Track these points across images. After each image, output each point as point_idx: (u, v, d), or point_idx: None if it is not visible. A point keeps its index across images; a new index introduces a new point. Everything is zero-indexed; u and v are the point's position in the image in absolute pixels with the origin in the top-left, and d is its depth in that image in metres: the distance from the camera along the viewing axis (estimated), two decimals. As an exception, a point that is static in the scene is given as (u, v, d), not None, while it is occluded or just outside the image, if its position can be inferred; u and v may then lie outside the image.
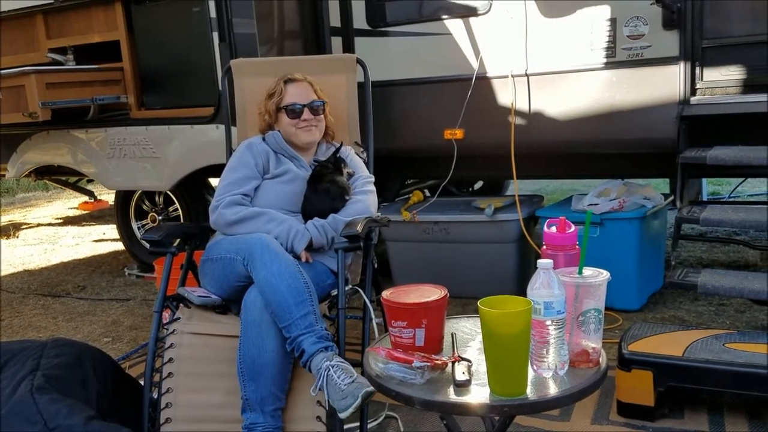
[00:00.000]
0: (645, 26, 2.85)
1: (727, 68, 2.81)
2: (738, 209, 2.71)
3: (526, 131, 3.23)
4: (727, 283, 2.46)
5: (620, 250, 3.15)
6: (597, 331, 1.40)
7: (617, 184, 3.30)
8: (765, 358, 2.09)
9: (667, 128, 2.86)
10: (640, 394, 2.21)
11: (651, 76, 2.89)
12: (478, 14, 3.20)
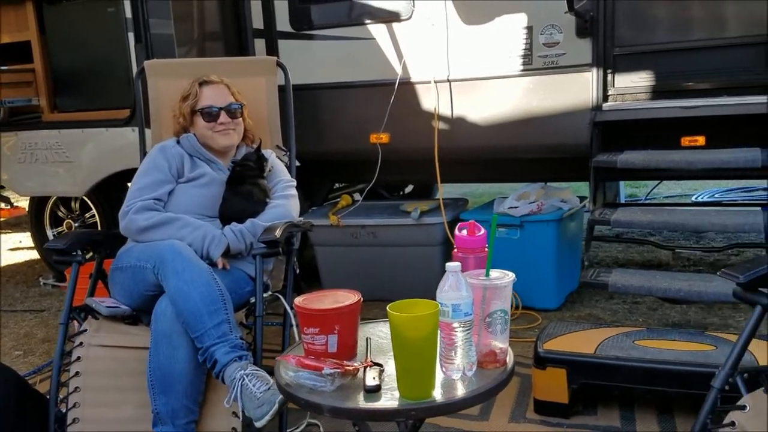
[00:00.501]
0: (560, 34, 2.95)
1: (637, 75, 2.94)
2: (647, 211, 2.84)
3: (449, 136, 3.28)
4: (636, 282, 2.57)
5: (539, 252, 3.25)
6: (504, 331, 1.42)
7: (536, 188, 3.40)
8: (672, 355, 2.18)
9: (581, 133, 2.96)
10: (555, 391, 2.27)
11: (566, 83, 2.99)
12: (401, 20, 3.23)
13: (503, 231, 3.32)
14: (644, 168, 2.76)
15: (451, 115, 3.26)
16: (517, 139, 3.17)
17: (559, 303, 3.38)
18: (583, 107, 2.97)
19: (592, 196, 2.95)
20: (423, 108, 3.28)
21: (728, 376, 1.44)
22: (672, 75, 2.88)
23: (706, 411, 1.43)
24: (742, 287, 1.45)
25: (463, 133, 3.26)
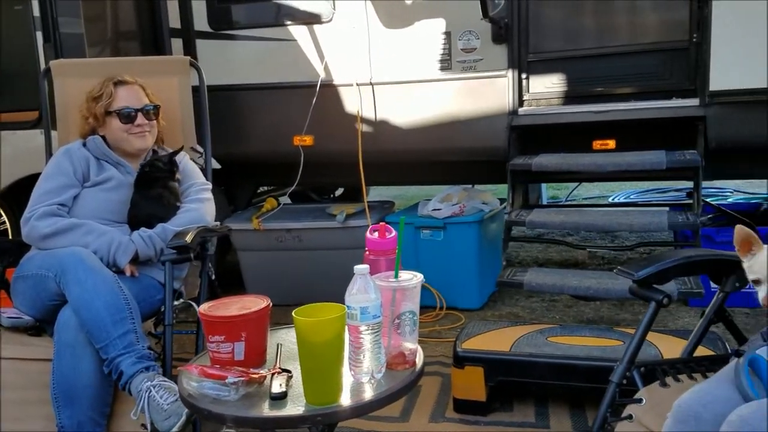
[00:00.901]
0: (477, 40, 3.01)
1: (551, 80, 3.04)
2: (559, 212, 2.93)
3: (373, 139, 3.29)
4: (549, 281, 2.65)
5: (462, 253, 3.31)
6: (412, 332, 1.43)
7: (458, 190, 3.46)
8: (582, 350, 2.26)
9: (499, 137, 3.04)
10: (473, 389, 2.31)
11: (483, 88, 3.06)
12: (322, 22, 3.22)
13: (427, 233, 3.36)
14: (557, 171, 2.86)
15: (374, 118, 3.28)
16: (439, 142, 3.22)
17: (482, 302, 3.45)
18: (500, 111, 3.05)
19: (510, 198, 3.02)
20: (346, 110, 3.28)
21: (625, 371, 1.50)
22: (583, 80, 3.00)
23: (606, 405, 1.48)
24: (638, 284, 1.51)
25: (386, 136, 3.28)
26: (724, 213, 3.30)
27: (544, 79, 3.03)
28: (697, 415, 1.21)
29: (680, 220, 2.63)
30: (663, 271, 1.50)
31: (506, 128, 3.03)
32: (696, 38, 2.76)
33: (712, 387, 1.26)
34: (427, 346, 2.95)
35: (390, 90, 3.21)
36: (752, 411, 1.11)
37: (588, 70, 2.97)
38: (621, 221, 2.71)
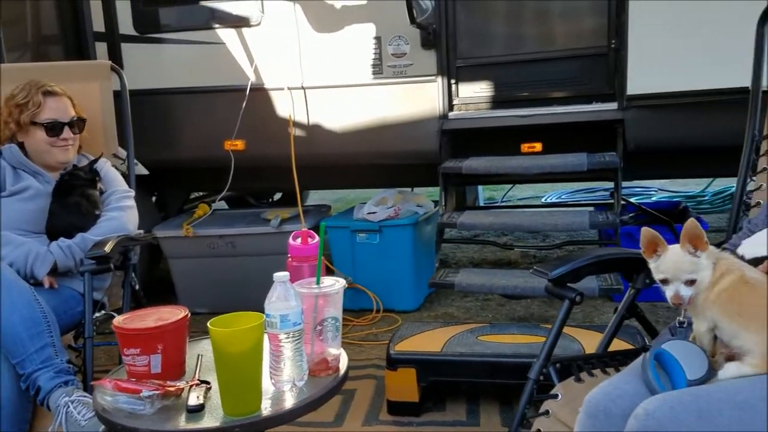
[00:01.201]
0: (407, 45, 3.05)
1: (479, 85, 3.11)
2: (489, 214, 3.00)
3: (306, 143, 3.28)
4: (479, 281, 2.71)
5: (397, 255, 3.34)
6: (335, 338, 1.43)
7: (393, 193, 3.49)
8: (510, 348, 2.32)
9: (430, 141, 3.08)
10: (406, 391, 2.33)
11: (414, 92, 3.10)
12: (251, 25, 3.19)
13: (363, 236, 3.38)
14: (486, 173, 2.92)
15: (307, 122, 3.27)
16: (372, 145, 3.24)
17: (418, 304, 3.49)
18: (431, 116, 3.10)
19: (443, 201, 3.07)
20: (278, 114, 3.26)
21: (542, 368, 1.55)
22: (509, 86, 3.08)
23: (524, 402, 1.53)
24: (553, 283, 1.56)
25: (319, 140, 3.28)
26: (644, 212, 3.44)
27: (473, 84, 3.09)
28: (606, 409, 1.26)
29: (601, 220, 2.74)
30: (575, 270, 1.55)
31: (437, 132, 3.08)
32: (614, 44, 2.88)
33: (620, 382, 1.31)
34: (363, 350, 2.97)
35: (322, 94, 3.22)
36: (657, 404, 1.16)
37: (514, 76, 3.06)
38: (546, 221, 2.80)
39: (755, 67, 1.69)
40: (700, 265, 1.26)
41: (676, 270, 1.26)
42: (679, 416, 1.13)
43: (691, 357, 1.31)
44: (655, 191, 5.78)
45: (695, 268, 1.25)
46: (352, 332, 3.18)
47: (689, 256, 1.26)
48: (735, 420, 1.12)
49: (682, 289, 1.25)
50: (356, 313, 3.39)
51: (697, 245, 1.26)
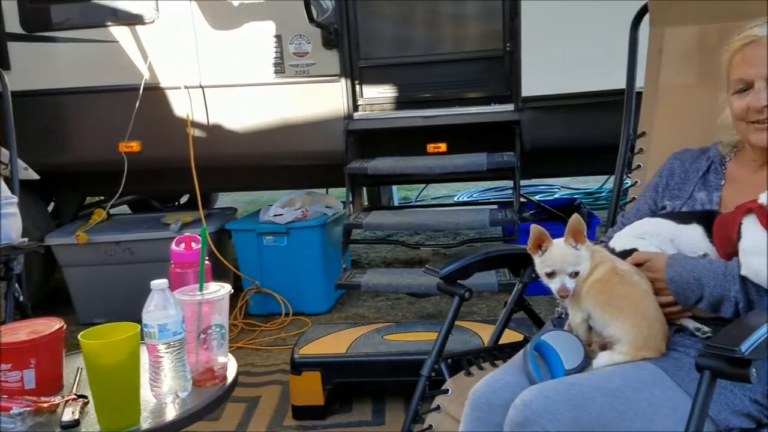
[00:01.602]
0: (308, 44, 3.03)
1: (383, 86, 3.12)
2: (396, 214, 3.04)
3: (206, 144, 3.20)
4: (385, 281, 2.72)
5: (306, 257, 3.31)
6: (221, 346, 1.40)
7: (301, 195, 3.45)
8: (414, 346, 2.34)
9: (336, 141, 3.07)
10: (310, 395, 2.31)
11: (318, 92, 3.08)
12: (145, 23, 3.07)
13: (270, 239, 3.32)
14: (391, 173, 2.95)
15: (206, 122, 3.18)
16: (276, 146, 3.19)
17: (329, 306, 3.47)
18: (335, 116, 3.09)
19: (350, 201, 3.07)
20: (176, 114, 3.15)
21: (434, 364, 1.57)
22: (413, 87, 3.12)
23: (417, 398, 1.54)
24: (443, 280, 1.59)
25: (221, 141, 3.20)
26: (543, 209, 3.58)
27: (377, 85, 3.11)
28: (488, 401, 1.29)
29: (500, 217, 2.82)
30: (464, 267, 1.59)
31: (343, 132, 3.07)
32: (509, 47, 2.97)
33: (502, 374, 1.35)
34: (271, 355, 2.92)
35: (222, 93, 3.14)
36: (533, 394, 1.20)
37: (417, 77, 3.10)
38: (449, 220, 2.85)
39: (629, 68, 1.78)
40: (582, 257, 1.31)
41: (562, 263, 1.31)
42: (554, 405, 1.17)
43: (569, 347, 1.36)
44: (558, 189, 6.03)
45: (578, 260, 1.31)
46: (260, 337, 3.13)
47: (572, 249, 1.31)
48: (607, 406, 1.18)
49: (567, 281, 1.30)
50: (265, 318, 3.34)
51: (578, 239, 1.31)
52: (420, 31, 3.13)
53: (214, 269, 1.80)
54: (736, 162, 1.45)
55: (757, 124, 1.32)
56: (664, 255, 1.34)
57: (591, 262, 1.34)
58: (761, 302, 1.19)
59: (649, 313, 1.29)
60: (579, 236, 1.32)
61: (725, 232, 1.26)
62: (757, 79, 1.31)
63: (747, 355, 0.99)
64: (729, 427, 1.21)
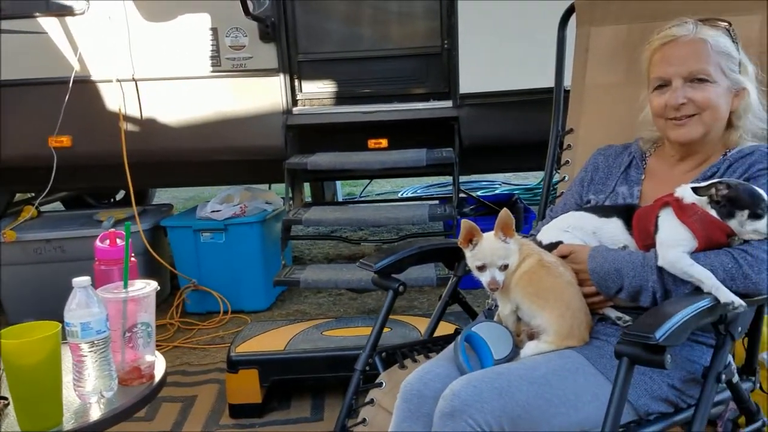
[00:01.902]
0: (245, 38, 2.98)
1: (323, 81, 3.11)
2: (335, 209, 3.03)
3: (140, 139, 3.11)
4: (325, 277, 2.72)
5: (245, 254, 3.26)
6: (148, 345, 1.36)
7: (239, 190, 3.40)
8: (352, 341, 2.34)
9: (275, 136, 3.04)
10: (248, 393, 2.29)
11: (256, 86, 3.04)
12: (75, 14, 2.96)
13: (208, 236, 3.26)
14: (331, 169, 2.94)
15: (140, 116, 3.10)
16: (212, 141, 3.13)
17: (270, 303, 3.43)
18: (274, 110, 3.05)
19: (289, 197, 3.04)
20: (108, 108, 3.06)
21: (368, 358, 1.58)
22: (352, 82, 3.12)
23: (350, 392, 1.55)
24: (378, 275, 1.60)
25: (156, 136, 3.12)
26: (482, 204, 3.64)
27: (316, 80, 3.09)
28: (419, 393, 1.31)
29: (439, 212, 2.85)
30: (398, 262, 1.60)
31: (282, 127, 3.04)
32: (447, 45, 3.01)
33: (433, 365, 1.37)
34: (208, 354, 2.87)
35: (156, 87, 3.06)
36: (462, 384, 1.22)
37: (356, 73, 3.10)
38: (389, 215, 2.87)
39: (557, 67, 1.83)
40: (510, 250, 1.34)
41: (492, 256, 1.34)
42: (482, 394, 1.19)
43: (498, 338, 1.39)
44: (499, 185, 6.14)
45: (507, 254, 1.34)
46: (198, 336, 3.07)
47: (502, 243, 1.34)
48: (532, 394, 1.21)
49: (497, 274, 1.33)
50: (203, 317, 3.28)
51: (507, 233, 1.34)
52: (359, 27, 3.13)
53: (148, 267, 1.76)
54: (656, 157, 1.51)
55: (674, 121, 1.38)
56: (587, 247, 1.38)
57: (519, 255, 1.38)
58: (677, 292, 1.24)
59: (574, 304, 1.33)
60: (508, 230, 1.35)
61: (643, 224, 1.31)
62: (675, 78, 1.37)
63: (661, 342, 1.03)
64: (648, 412, 1.26)
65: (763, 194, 1.20)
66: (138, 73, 3.03)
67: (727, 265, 1.20)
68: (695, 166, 1.42)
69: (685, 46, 1.37)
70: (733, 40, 1.38)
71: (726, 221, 1.20)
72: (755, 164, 1.32)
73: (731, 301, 1.14)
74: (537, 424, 1.20)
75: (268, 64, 3.01)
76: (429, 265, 2.72)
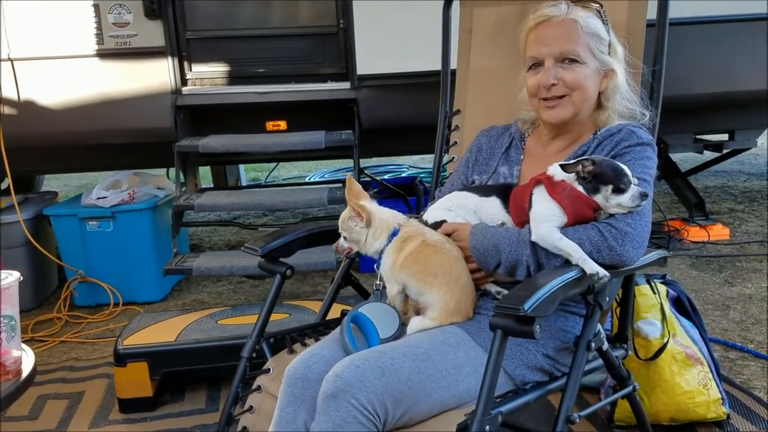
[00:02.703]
0: (129, 14, 2.82)
1: (214, 60, 2.99)
2: (230, 194, 2.94)
3: (18, 122, 2.90)
4: (219, 264, 2.64)
5: (136, 242, 3.11)
6: (12, 339, 1.27)
7: (127, 175, 3.24)
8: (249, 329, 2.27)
9: (163, 118, 2.91)
10: (138, 386, 2.19)
11: (142, 66, 2.89)
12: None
13: (95, 224, 3.08)
14: (225, 152, 2.85)
15: (17, 98, 2.88)
16: (97, 123, 2.96)
17: (165, 293, 3.30)
18: (162, 91, 2.92)
19: (180, 182, 2.92)
20: (-21, 89, 2.81)
21: (255, 344, 1.54)
22: (245, 61, 3.02)
23: (237, 380, 1.51)
24: (264, 259, 1.56)
25: (34, 119, 2.91)
26: (386, 187, 3.66)
27: (207, 58, 2.98)
28: (303, 376, 1.29)
29: (338, 195, 2.83)
30: (286, 245, 1.57)
31: (171, 108, 2.91)
32: (342, 24, 2.97)
33: (318, 348, 1.35)
34: (97, 348, 2.72)
35: (34, 66, 2.85)
36: (345, 365, 1.21)
37: (250, 51, 3.00)
38: (287, 200, 2.82)
39: (443, 48, 1.85)
40: (351, 228, 1.43)
41: (341, 224, 1.46)
42: (365, 373, 1.19)
43: (385, 317, 1.40)
44: (407, 168, 6.20)
45: (347, 226, 1.44)
46: (87, 330, 2.91)
47: (348, 215, 1.44)
48: (414, 370, 1.22)
49: (341, 241, 1.46)
50: (92, 309, 3.11)
51: (352, 197, 1.43)
52: (252, 4, 3.03)
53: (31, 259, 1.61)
54: (533, 138, 1.56)
55: (546, 102, 1.42)
56: (468, 225, 1.41)
57: (400, 237, 1.40)
58: (549, 265, 1.29)
59: (462, 279, 1.35)
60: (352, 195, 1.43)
61: (519, 202, 1.35)
62: (547, 58, 1.41)
63: (530, 313, 1.07)
64: (524, 382, 1.31)
65: (625, 169, 1.26)
66: (14, 53, 2.80)
67: (593, 238, 1.25)
68: (567, 145, 1.47)
69: (557, 26, 1.41)
70: (603, 21, 1.44)
71: (592, 196, 1.26)
72: (621, 142, 1.38)
73: (596, 272, 1.20)
74: (419, 399, 1.21)
75: (154, 42, 2.86)
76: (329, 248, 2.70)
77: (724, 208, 4.34)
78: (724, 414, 1.83)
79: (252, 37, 2.99)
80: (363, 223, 1.41)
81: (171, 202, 3.37)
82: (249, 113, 3.12)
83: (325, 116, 3.20)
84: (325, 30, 3.01)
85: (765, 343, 2.38)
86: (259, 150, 2.85)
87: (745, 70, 3.14)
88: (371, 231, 1.42)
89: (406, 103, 2.94)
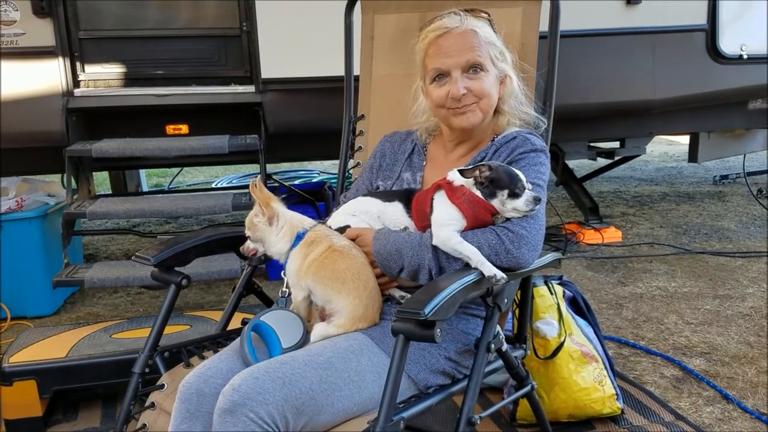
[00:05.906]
0: (16, 12, 2.63)
1: (109, 61, 2.84)
2: (126, 201, 2.80)
3: None
4: (114, 275, 2.50)
5: (24, 253, 2.92)
6: None
7: (15, 182, 3.02)
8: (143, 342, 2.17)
9: (53, 120, 2.74)
10: (26, 406, 2.05)
11: (30, 66, 2.70)
12: None
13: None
14: (120, 156, 2.71)
15: None
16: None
17: (57, 307, 3.10)
18: (52, 92, 2.74)
19: (70, 188, 2.75)
20: None
21: (147, 359, 1.46)
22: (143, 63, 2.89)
23: (129, 397, 1.43)
24: (158, 268, 1.49)
25: None
26: (294, 192, 3.60)
27: (101, 59, 2.82)
28: (198, 391, 1.24)
29: (243, 201, 2.75)
30: (181, 253, 1.50)
31: (62, 111, 2.73)
32: (246, 27, 2.90)
33: (215, 361, 1.30)
34: (-22, 367, 2.51)
35: None
36: (243, 378, 1.17)
37: (148, 52, 2.88)
38: (188, 206, 2.71)
39: (346, 53, 1.84)
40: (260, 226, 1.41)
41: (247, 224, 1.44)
42: (264, 385, 1.15)
43: (288, 325, 1.36)
44: (318, 173, 6.16)
45: (252, 225, 1.42)
46: (-33, 348, 2.67)
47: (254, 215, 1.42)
48: (316, 379, 1.19)
49: (247, 242, 1.45)
50: None
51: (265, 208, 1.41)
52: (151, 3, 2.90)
53: None
54: (435, 144, 1.57)
55: (457, 110, 1.43)
56: (372, 230, 1.40)
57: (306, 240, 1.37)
58: (450, 268, 1.30)
59: (370, 284, 1.34)
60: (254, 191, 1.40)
61: (420, 206, 1.36)
62: (454, 69, 1.42)
63: (430, 317, 1.07)
64: (428, 386, 1.31)
65: (520, 175, 1.30)
66: None
67: (491, 241, 1.28)
68: (468, 151, 1.50)
69: (459, 37, 1.43)
70: (493, 29, 1.47)
71: (489, 201, 1.28)
72: (517, 148, 1.42)
73: (493, 274, 1.22)
74: (321, 409, 1.19)
75: (43, 41, 2.68)
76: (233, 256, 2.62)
77: (617, 212, 4.60)
78: (618, 409, 1.92)
79: (151, 38, 2.86)
80: (265, 218, 1.38)
81: (62, 209, 3.17)
82: (148, 116, 2.99)
83: (229, 120, 3.11)
84: (228, 32, 2.93)
85: (656, 340, 2.52)
86: (158, 154, 2.73)
87: (634, 81, 3.34)
88: (275, 230, 1.39)
89: (312, 108, 2.91)
